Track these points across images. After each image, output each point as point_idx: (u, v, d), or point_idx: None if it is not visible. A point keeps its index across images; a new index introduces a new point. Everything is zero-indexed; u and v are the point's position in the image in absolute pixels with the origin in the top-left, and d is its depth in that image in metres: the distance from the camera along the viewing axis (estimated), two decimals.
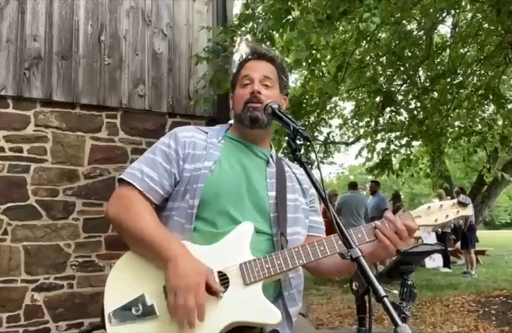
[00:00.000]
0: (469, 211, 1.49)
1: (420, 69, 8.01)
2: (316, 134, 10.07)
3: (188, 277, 1.29)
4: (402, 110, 8.26)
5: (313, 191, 1.68)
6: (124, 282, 1.39)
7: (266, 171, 1.61)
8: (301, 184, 1.68)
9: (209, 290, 1.33)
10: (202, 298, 1.28)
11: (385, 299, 1.08)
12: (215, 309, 1.33)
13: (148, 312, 1.33)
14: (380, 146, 7.94)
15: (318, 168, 1.40)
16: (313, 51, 5.97)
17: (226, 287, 1.36)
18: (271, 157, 1.66)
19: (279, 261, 1.39)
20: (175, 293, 1.27)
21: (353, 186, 9.10)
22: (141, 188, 1.49)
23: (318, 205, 1.74)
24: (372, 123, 8.09)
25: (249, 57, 1.67)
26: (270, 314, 1.36)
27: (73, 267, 4.21)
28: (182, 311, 1.27)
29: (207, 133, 1.63)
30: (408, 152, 7.78)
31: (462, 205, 1.47)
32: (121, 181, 1.53)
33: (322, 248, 1.42)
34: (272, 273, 1.38)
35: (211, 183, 1.48)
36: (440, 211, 1.47)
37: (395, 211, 9.23)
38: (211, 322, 1.32)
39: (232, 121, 1.74)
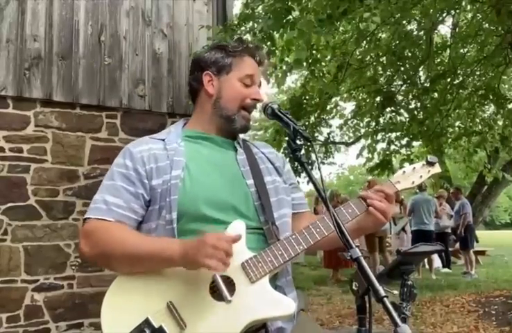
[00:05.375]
0: (437, 168, 1.57)
1: (420, 69, 8.00)
2: (316, 134, 10.07)
3: (202, 242, 1.25)
4: (402, 110, 8.26)
5: (288, 167, 1.68)
6: (121, 310, 1.32)
7: (237, 159, 1.55)
8: (273, 163, 1.62)
9: (216, 297, 1.31)
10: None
11: (385, 299, 1.08)
12: (228, 313, 1.30)
13: None
14: (380, 146, 7.96)
15: (319, 168, 1.39)
16: (314, 51, 5.97)
17: (233, 289, 1.32)
18: (238, 143, 1.60)
19: (280, 252, 1.36)
20: (206, 256, 1.23)
21: (420, 187, 9.24)
22: (111, 218, 1.39)
23: (295, 180, 1.73)
24: (373, 124, 8.09)
25: (255, 55, 1.59)
26: (284, 306, 1.34)
27: (73, 267, 4.21)
28: (224, 256, 1.24)
29: (163, 140, 1.52)
30: (409, 152, 7.78)
31: (430, 164, 1.56)
32: (88, 219, 1.42)
33: (318, 229, 1.40)
34: (277, 265, 1.36)
35: (185, 192, 1.41)
36: (414, 174, 1.56)
37: None
38: (228, 328, 1.28)
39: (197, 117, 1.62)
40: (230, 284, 1.33)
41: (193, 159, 1.48)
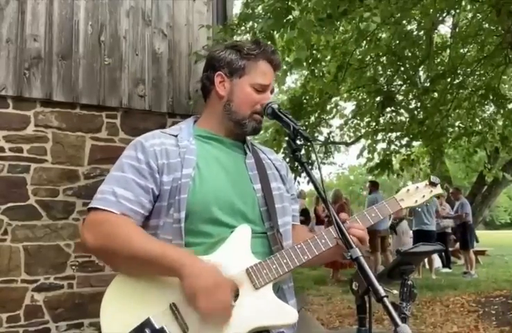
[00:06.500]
0: (439, 189, 1.63)
1: (420, 69, 8.01)
2: (316, 134, 10.06)
3: (211, 275, 1.26)
4: (402, 110, 8.26)
5: (291, 176, 1.70)
6: (121, 309, 1.30)
7: (245, 163, 1.53)
8: (279, 170, 1.62)
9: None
10: (230, 294, 1.28)
11: (385, 299, 1.08)
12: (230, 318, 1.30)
13: None
14: (381, 146, 7.96)
15: (319, 168, 1.39)
16: (314, 51, 5.97)
17: (236, 295, 1.32)
18: (247, 147, 1.58)
19: (285, 260, 1.36)
20: (206, 294, 1.23)
21: None
22: (119, 212, 1.36)
23: (295, 191, 1.75)
24: (373, 124, 8.10)
25: (271, 60, 1.54)
26: (287, 315, 1.34)
27: (73, 267, 4.21)
28: (220, 310, 1.25)
29: (175, 136, 1.50)
30: (409, 152, 7.79)
31: (433, 184, 1.61)
32: (94, 209, 1.37)
33: (323, 240, 1.41)
34: (281, 273, 1.36)
35: (195, 192, 1.39)
36: (417, 193, 1.60)
37: None
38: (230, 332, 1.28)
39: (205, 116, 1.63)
40: (234, 288, 1.32)
41: (203, 158, 1.47)
